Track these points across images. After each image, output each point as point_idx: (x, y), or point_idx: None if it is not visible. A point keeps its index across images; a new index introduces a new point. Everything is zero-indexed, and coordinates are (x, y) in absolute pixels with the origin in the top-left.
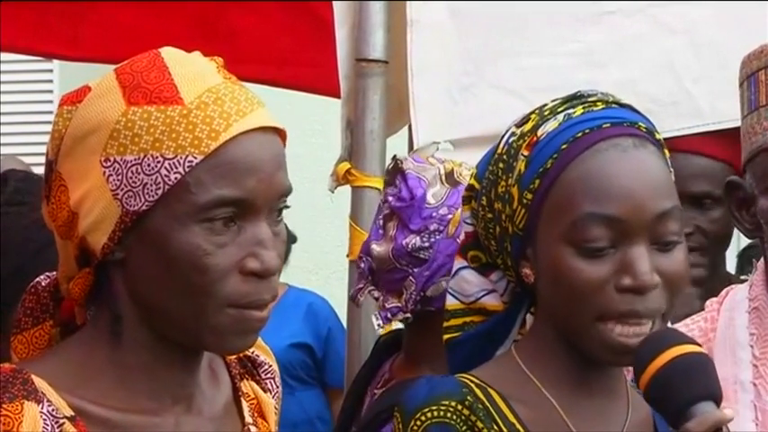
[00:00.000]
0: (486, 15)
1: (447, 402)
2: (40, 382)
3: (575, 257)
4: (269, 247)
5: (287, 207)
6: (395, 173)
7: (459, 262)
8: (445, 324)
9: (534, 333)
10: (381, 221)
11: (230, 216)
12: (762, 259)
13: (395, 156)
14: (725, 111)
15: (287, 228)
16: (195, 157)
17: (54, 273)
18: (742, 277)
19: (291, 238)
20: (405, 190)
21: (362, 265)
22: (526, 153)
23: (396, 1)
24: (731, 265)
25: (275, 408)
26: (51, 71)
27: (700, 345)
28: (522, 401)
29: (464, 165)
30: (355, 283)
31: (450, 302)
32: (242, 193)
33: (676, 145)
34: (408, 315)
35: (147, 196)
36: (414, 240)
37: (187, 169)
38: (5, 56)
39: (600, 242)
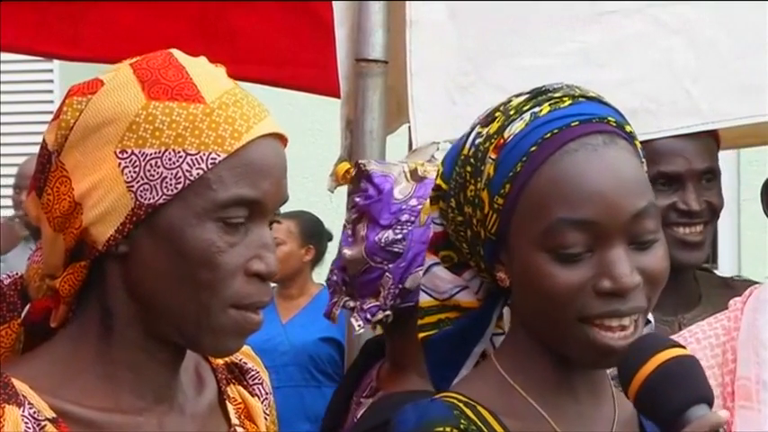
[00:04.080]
0: (486, 15)
1: (441, 429)
2: (20, 386)
3: (550, 263)
4: (272, 250)
5: (278, 218)
6: (359, 177)
7: (430, 258)
8: (420, 322)
9: (513, 339)
10: (350, 228)
11: (243, 217)
12: None
13: (357, 162)
14: (724, 110)
15: (324, 225)
16: (218, 155)
17: (15, 272)
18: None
19: (327, 236)
20: (372, 188)
21: (334, 278)
22: (494, 156)
23: (395, 1)
24: (730, 266)
25: (265, 412)
26: (51, 71)
27: (684, 347)
28: (512, 415)
29: (426, 163)
30: (329, 300)
31: (424, 299)
32: (258, 195)
33: None
34: (388, 312)
35: (164, 190)
36: (386, 235)
37: (210, 166)
38: (5, 56)
39: (576, 248)
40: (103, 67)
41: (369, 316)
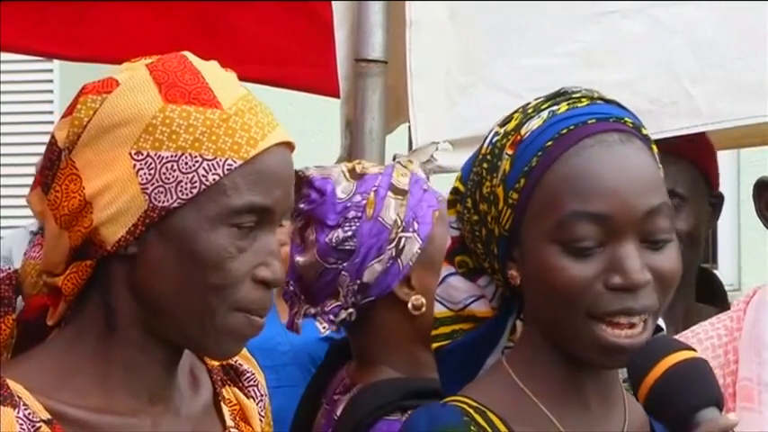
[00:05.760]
0: (486, 16)
1: None
2: (15, 387)
3: (561, 256)
4: (278, 257)
5: (282, 225)
6: (300, 184)
7: (446, 268)
8: (434, 332)
9: (525, 343)
10: (298, 237)
11: (253, 223)
12: None
13: (295, 170)
14: (723, 111)
15: None
16: (234, 161)
17: (8, 266)
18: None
19: None
20: (314, 192)
21: (291, 288)
22: (510, 152)
23: (395, 1)
24: (730, 266)
25: (261, 414)
26: (51, 71)
27: (694, 349)
28: (522, 421)
29: (363, 162)
30: (288, 313)
31: (439, 310)
32: (269, 202)
33: None
34: (351, 310)
35: (179, 194)
36: (336, 234)
37: (226, 172)
38: (5, 56)
39: (587, 241)
40: (104, 68)
41: (332, 317)
